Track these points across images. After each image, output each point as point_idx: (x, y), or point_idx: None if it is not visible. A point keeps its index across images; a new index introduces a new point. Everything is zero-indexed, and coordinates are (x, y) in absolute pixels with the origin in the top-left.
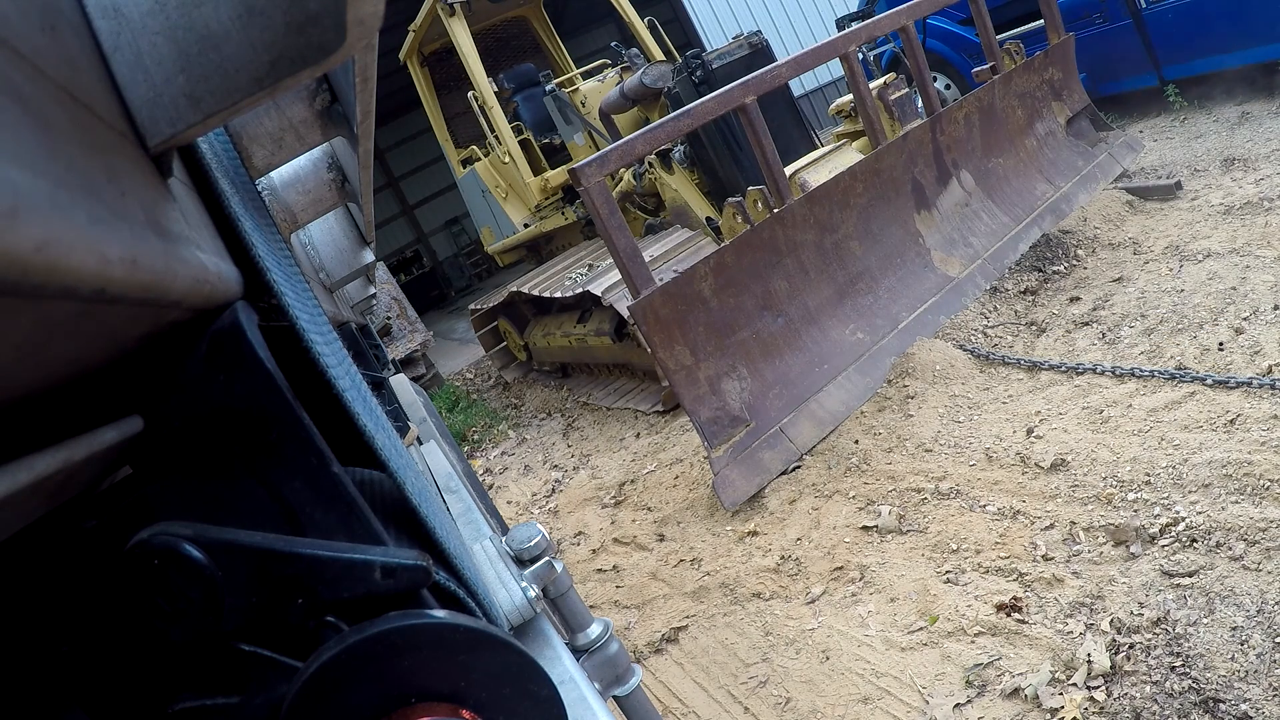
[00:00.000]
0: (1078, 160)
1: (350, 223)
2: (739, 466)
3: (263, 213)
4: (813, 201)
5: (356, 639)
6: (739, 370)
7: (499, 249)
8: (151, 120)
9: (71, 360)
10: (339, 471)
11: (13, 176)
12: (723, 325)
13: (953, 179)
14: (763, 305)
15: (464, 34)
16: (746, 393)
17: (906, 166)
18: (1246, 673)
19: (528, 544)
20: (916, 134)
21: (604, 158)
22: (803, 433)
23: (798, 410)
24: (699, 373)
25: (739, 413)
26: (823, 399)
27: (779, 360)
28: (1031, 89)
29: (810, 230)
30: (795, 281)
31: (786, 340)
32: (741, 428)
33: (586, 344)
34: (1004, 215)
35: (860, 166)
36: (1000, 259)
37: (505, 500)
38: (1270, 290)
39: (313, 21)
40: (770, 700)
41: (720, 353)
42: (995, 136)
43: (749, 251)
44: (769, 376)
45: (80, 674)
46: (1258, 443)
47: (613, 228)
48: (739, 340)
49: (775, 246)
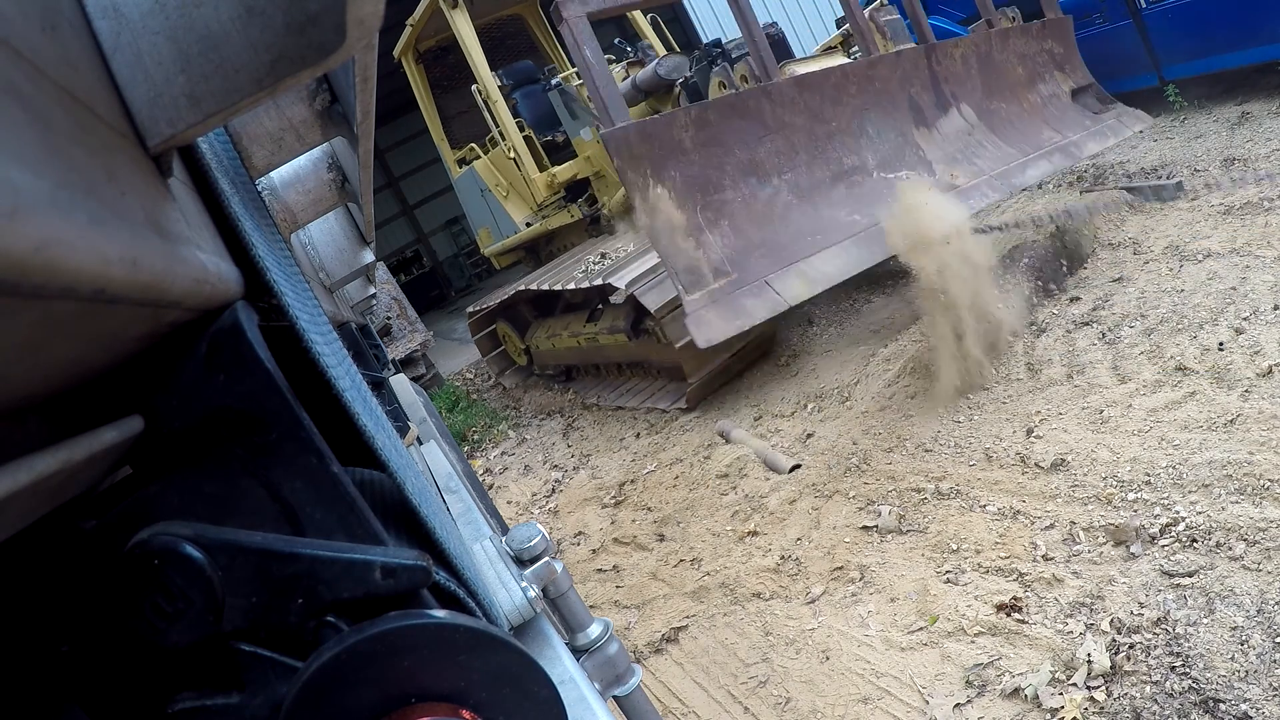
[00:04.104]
0: (1085, 120)
1: (350, 223)
2: (717, 308)
3: (263, 213)
4: (802, 86)
5: (356, 639)
6: (722, 226)
7: (496, 250)
8: (151, 120)
9: (72, 360)
10: (339, 471)
11: (13, 176)
12: (704, 181)
13: (952, 109)
14: (748, 171)
15: (466, 26)
16: (729, 249)
17: (902, 83)
18: (1246, 673)
19: (528, 544)
20: (910, 54)
21: None
22: (790, 287)
23: (786, 269)
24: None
25: (720, 265)
26: (815, 261)
27: (766, 227)
28: (1031, 53)
29: (800, 115)
30: (785, 158)
31: (775, 211)
32: (722, 278)
33: (597, 343)
34: (1010, 148)
35: (852, 68)
36: (1008, 179)
37: (505, 500)
38: (1270, 290)
39: (313, 22)
40: (770, 700)
41: (704, 207)
42: (996, 84)
43: (734, 117)
44: (754, 238)
45: (80, 674)
46: (1258, 443)
47: (591, 62)
48: (723, 199)
49: (762, 120)
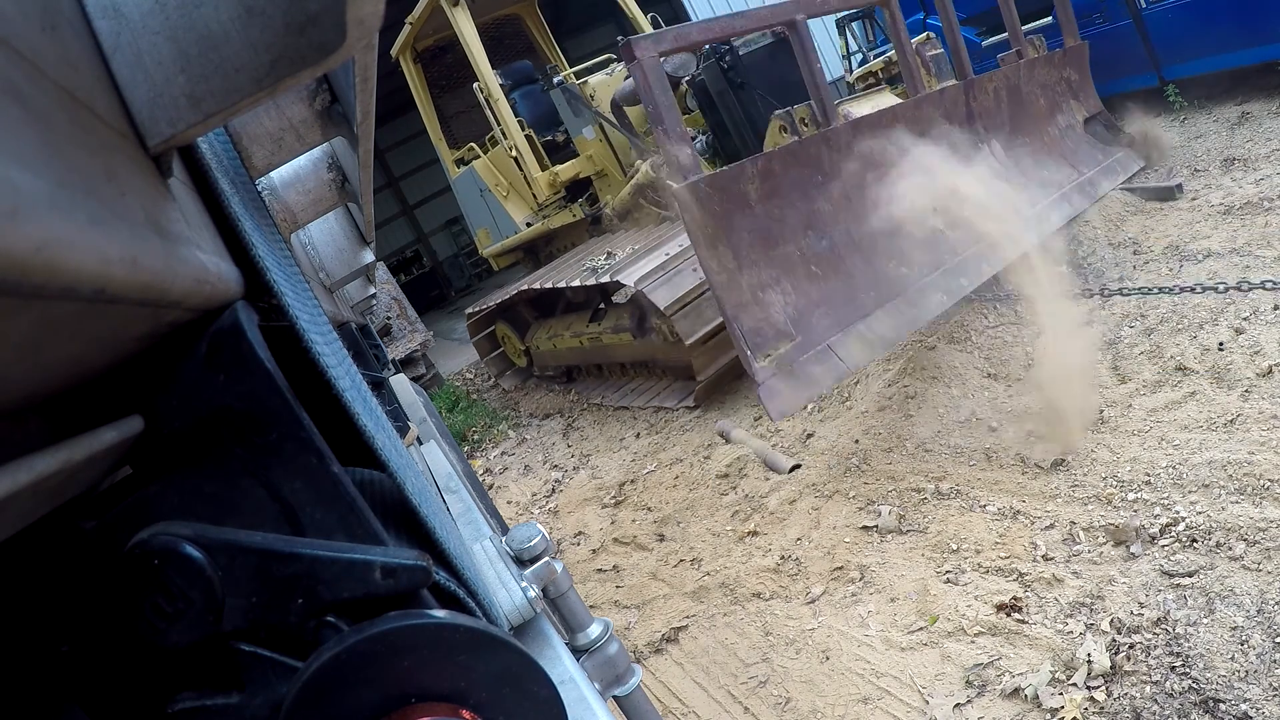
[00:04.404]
0: (1097, 154)
1: (350, 223)
2: (786, 378)
3: (263, 213)
4: (857, 130)
5: (356, 639)
6: (783, 284)
7: (495, 252)
8: (151, 120)
9: (72, 360)
10: (339, 471)
11: (13, 176)
12: (767, 235)
13: (985, 146)
14: (808, 224)
15: (468, 24)
16: (791, 307)
17: (943, 122)
18: (1246, 673)
19: (528, 544)
20: (952, 93)
21: (660, 36)
22: (852, 352)
23: (846, 331)
24: (741, 279)
25: (783, 326)
26: (872, 323)
27: (823, 282)
28: (1052, 82)
29: (854, 160)
30: (839, 207)
31: (831, 264)
32: (786, 341)
33: (601, 343)
34: (1036, 188)
35: (902, 109)
36: (1038, 221)
37: (505, 500)
38: (1270, 290)
39: (313, 22)
40: (770, 700)
41: (766, 263)
42: (1022, 118)
43: (795, 165)
44: (814, 295)
45: (80, 674)
46: (1258, 443)
47: (664, 107)
48: (784, 254)
49: (820, 166)
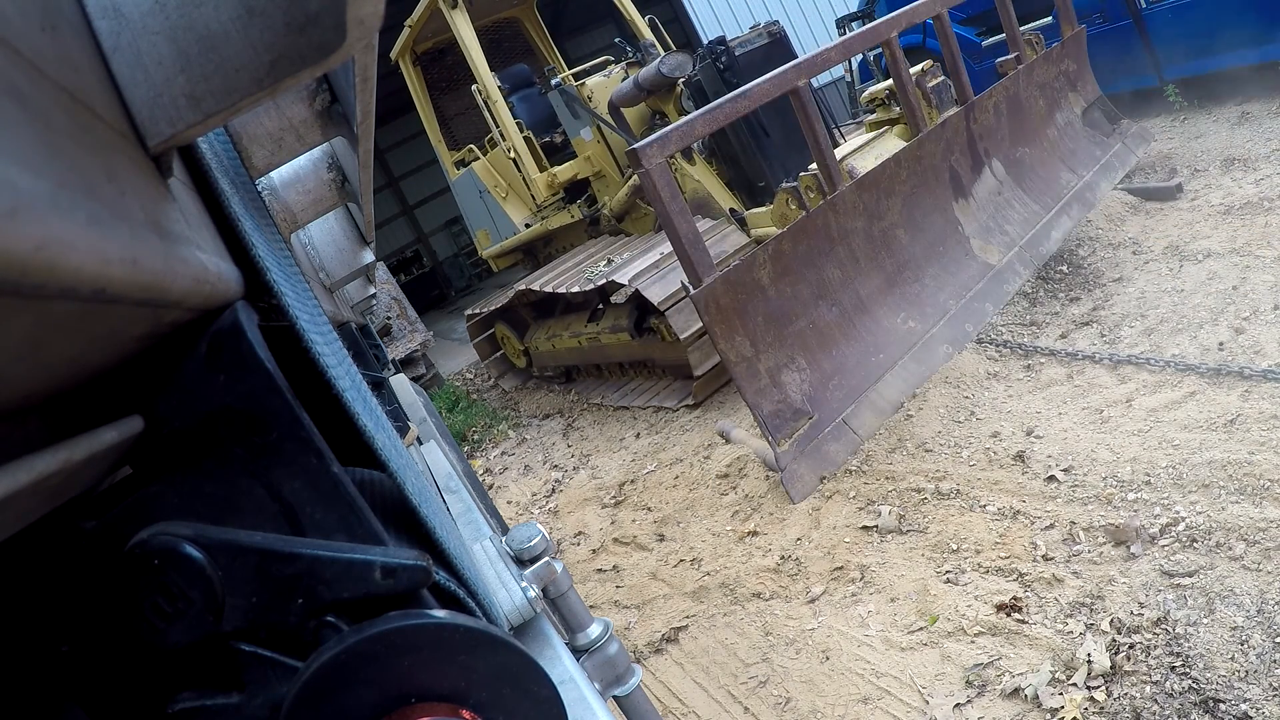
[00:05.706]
0: (1095, 150)
1: (350, 223)
2: (806, 460)
3: (263, 213)
4: (862, 188)
5: (356, 639)
6: (798, 361)
7: (495, 253)
8: (151, 120)
9: (72, 360)
10: (339, 471)
11: (13, 176)
12: (781, 315)
13: (985, 168)
14: (818, 294)
15: (466, 27)
16: (806, 384)
17: (945, 155)
18: (1246, 673)
19: (528, 544)
20: (953, 122)
21: (665, 138)
22: (865, 422)
23: (858, 401)
24: (759, 364)
25: (800, 405)
26: (881, 389)
27: (835, 350)
28: (1050, 80)
29: (859, 218)
30: (847, 269)
31: (841, 330)
32: (804, 420)
33: (599, 343)
34: (1034, 204)
35: (904, 154)
36: (1036, 246)
37: (505, 500)
38: (1270, 290)
39: (313, 21)
40: (770, 700)
41: (779, 343)
42: (1021, 126)
43: (804, 239)
44: (827, 367)
45: (80, 674)
46: (1258, 443)
47: (674, 212)
48: (796, 330)
49: (828, 234)
